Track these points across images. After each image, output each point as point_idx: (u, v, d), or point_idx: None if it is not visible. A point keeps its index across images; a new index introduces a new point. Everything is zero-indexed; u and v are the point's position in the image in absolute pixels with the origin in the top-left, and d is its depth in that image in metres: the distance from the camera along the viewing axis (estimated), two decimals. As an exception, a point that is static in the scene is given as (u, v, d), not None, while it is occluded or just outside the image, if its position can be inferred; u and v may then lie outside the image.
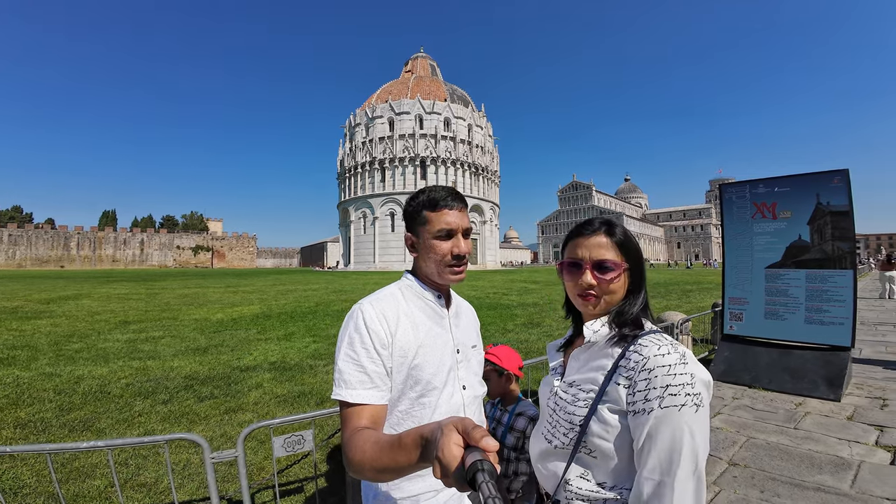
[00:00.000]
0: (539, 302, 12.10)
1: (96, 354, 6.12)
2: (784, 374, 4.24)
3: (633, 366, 0.80)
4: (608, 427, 0.80)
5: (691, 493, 0.71)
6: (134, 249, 77.44)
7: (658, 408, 0.74)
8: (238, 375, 5.00)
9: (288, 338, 7.31)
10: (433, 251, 1.00)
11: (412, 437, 0.64)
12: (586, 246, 0.89)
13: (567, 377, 0.93)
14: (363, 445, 0.77)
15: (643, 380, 0.77)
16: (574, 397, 0.87)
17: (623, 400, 0.79)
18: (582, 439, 0.83)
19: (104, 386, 4.62)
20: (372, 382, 0.91)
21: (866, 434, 3.11)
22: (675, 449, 0.72)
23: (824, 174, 4.18)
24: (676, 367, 0.76)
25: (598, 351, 0.87)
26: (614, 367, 0.83)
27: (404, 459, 0.65)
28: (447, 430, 0.54)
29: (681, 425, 0.72)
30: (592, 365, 0.87)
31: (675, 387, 0.74)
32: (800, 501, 2.27)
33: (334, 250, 78.47)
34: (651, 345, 0.80)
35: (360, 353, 0.91)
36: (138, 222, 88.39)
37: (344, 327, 0.97)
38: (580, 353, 0.92)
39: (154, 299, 13.86)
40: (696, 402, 0.74)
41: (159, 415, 3.76)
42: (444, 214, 0.99)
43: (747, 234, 4.63)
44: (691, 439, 0.72)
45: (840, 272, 4.10)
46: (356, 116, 51.17)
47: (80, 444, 1.31)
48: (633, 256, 0.89)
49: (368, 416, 0.88)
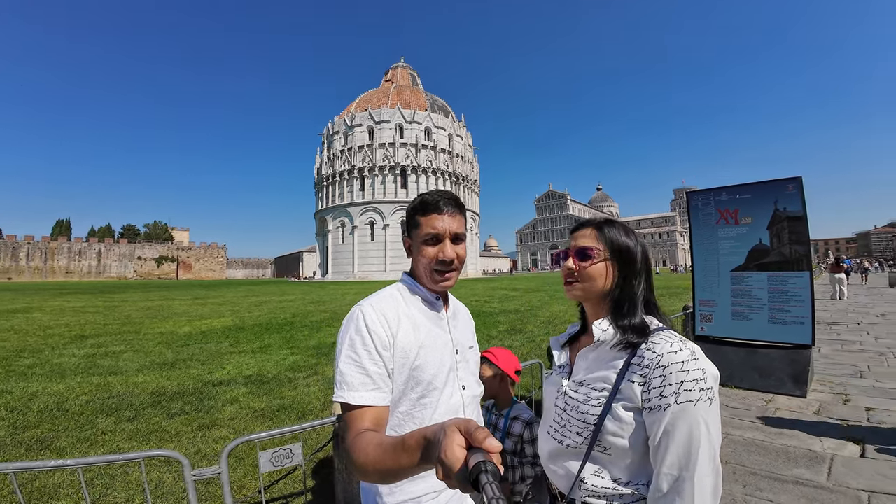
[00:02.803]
0: (520, 308, 12.23)
1: (51, 370, 5.65)
2: (753, 373, 4.45)
3: (647, 363, 0.81)
4: (623, 425, 0.81)
5: (710, 487, 0.73)
6: (90, 260, 72.67)
7: (675, 403, 0.75)
8: (210, 390, 4.74)
9: (264, 350, 7.01)
10: (421, 255, 0.99)
11: (415, 438, 0.63)
12: (575, 238, 0.95)
13: (576, 376, 0.93)
14: (366, 448, 0.76)
15: (658, 377, 0.78)
16: (586, 396, 0.87)
17: (638, 397, 0.80)
18: (597, 438, 0.84)
19: (61, 403, 4.27)
20: (374, 384, 0.90)
21: (834, 428, 3.27)
22: (692, 443, 0.74)
23: (780, 182, 4.44)
24: (689, 363, 0.78)
25: (608, 350, 0.88)
26: (626, 365, 0.84)
27: (407, 461, 0.64)
28: (450, 432, 0.54)
29: (697, 419, 0.74)
30: (603, 363, 0.88)
31: (689, 382, 0.76)
32: (781, 495, 2.34)
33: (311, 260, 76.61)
34: (663, 342, 0.82)
35: (361, 354, 0.90)
36: (95, 232, 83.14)
37: (344, 329, 0.95)
38: (588, 352, 0.93)
39: (113, 312, 12.99)
40: (709, 396, 0.76)
41: (125, 433, 3.50)
42: (432, 219, 0.98)
43: (713, 238, 4.85)
44: (707, 432, 0.74)
45: (798, 274, 4.34)
46: (334, 124, 50.63)
47: (47, 462, 1.19)
48: (619, 248, 0.91)
49: (371, 417, 0.87)
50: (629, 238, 0.93)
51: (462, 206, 1.04)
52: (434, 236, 0.98)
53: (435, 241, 0.98)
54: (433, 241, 0.98)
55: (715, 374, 0.79)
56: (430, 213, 0.99)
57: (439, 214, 0.99)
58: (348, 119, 49.04)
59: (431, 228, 0.97)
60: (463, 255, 1.02)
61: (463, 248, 1.02)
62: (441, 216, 0.99)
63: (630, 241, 0.92)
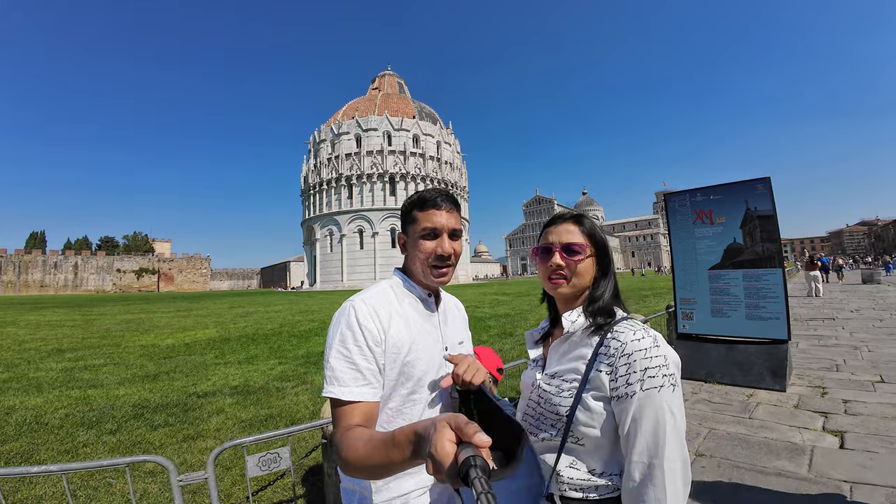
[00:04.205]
0: (510, 313, 12.31)
1: (28, 384, 5.45)
2: (734, 368, 4.57)
3: (612, 352, 0.83)
4: (594, 414, 0.83)
5: (679, 472, 0.75)
6: (66, 274, 70.09)
7: (640, 391, 0.77)
8: (195, 402, 4.63)
9: (250, 361, 6.88)
10: (418, 250, 1.00)
11: (405, 434, 0.64)
12: (556, 232, 0.95)
13: (548, 369, 0.94)
14: (356, 444, 0.76)
15: (623, 364, 0.80)
16: (558, 388, 0.89)
17: (606, 386, 0.82)
18: (569, 429, 0.85)
19: (40, 416, 4.13)
20: (364, 379, 0.90)
21: (813, 420, 3.37)
22: (659, 429, 0.76)
23: (750, 182, 4.59)
24: (651, 350, 0.80)
25: (578, 341, 0.90)
26: (594, 354, 0.85)
27: (398, 456, 0.65)
28: (440, 427, 0.54)
29: (662, 405, 0.76)
30: (573, 355, 0.90)
31: (652, 369, 0.78)
32: (765, 487, 2.38)
33: (298, 270, 75.37)
34: (627, 330, 0.84)
35: (352, 350, 0.90)
36: (72, 244, 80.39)
37: (335, 325, 0.95)
38: (559, 344, 0.94)
39: (91, 326, 12.55)
40: (672, 381, 0.78)
41: (107, 445, 3.40)
42: (431, 214, 1.00)
43: (690, 238, 4.98)
44: (672, 417, 0.76)
45: (771, 271, 4.47)
46: (321, 132, 50.35)
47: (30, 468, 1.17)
48: (600, 245, 0.94)
49: (361, 413, 0.87)
50: (602, 232, 0.96)
51: (458, 203, 1.06)
52: (432, 231, 0.99)
53: (433, 236, 0.99)
54: (431, 235, 0.99)
55: (676, 361, 0.81)
56: (429, 209, 1.00)
57: (437, 210, 1.00)
58: (335, 127, 48.87)
59: (430, 223, 0.99)
60: (459, 251, 1.03)
61: (459, 245, 1.03)
62: (439, 212, 1.00)
63: (604, 235, 0.96)
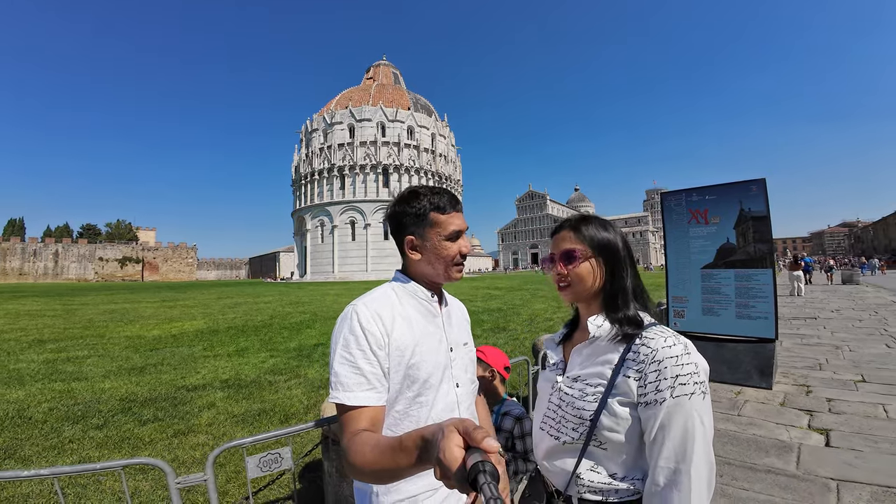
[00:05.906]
0: (503, 307, 12.36)
1: (8, 377, 5.29)
2: (722, 366, 4.67)
3: (642, 359, 0.82)
4: (619, 420, 0.82)
5: (705, 479, 0.75)
6: (46, 262, 68.10)
7: (670, 397, 0.77)
8: (185, 395, 4.55)
9: (241, 353, 6.78)
10: (444, 251, 1.02)
11: (413, 438, 0.63)
12: (555, 241, 0.97)
13: (570, 372, 0.94)
14: (363, 448, 0.76)
15: (653, 371, 0.80)
16: (582, 392, 0.88)
17: (634, 392, 0.81)
18: (593, 433, 0.84)
19: (22, 410, 4.01)
20: (369, 384, 0.90)
21: (799, 418, 3.46)
22: (688, 436, 0.75)
23: (744, 183, 4.66)
24: (683, 357, 0.79)
25: (604, 346, 0.89)
26: (622, 360, 0.85)
27: (405, 461, 0.64)
28: (448, 432, 0.54)
29: (692, 413, 0.76)
30: (598, 359, 0.89)
31: (683, 376, 0.78)
32: (755, 484, 2.43)
33: (288, 260, 74.54)
34: (657, 337, 0.83)
35: (356, 354, 0.90)
36: (52, 232, 77.93)
37: (338, 329, 0.95)
38: (583, 347, 0.93)
39: (73, 316, 12.24)
40: (702, 389, 0.78)
41: (94, 441, 3.32)
42: (453, 216, 1.03)
43: (685, 238, 5.04)
44: (702, 425, 0.76)
45: (762, 271, 4.56)
46: (313, 122, 49.42)
47: (20, 472, 1.12)
48: (601, 247, 0.92)
49: (367, 418, 0.87)
50: (608, 231, 0.93)
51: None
52: (457, 233, 1.03)
53: (457, 237, 1.04)
54: (455, 237, 1.03)
55: (706, 368, 0.81)
56: (451, 212, 1.04)
57: (458, 213, 1.05)
58: (328, 116, 48.01)
59: (455, 227, 1.03)
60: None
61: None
62: (459, 214, 1.06)
63: (609, 235, 0.93)
